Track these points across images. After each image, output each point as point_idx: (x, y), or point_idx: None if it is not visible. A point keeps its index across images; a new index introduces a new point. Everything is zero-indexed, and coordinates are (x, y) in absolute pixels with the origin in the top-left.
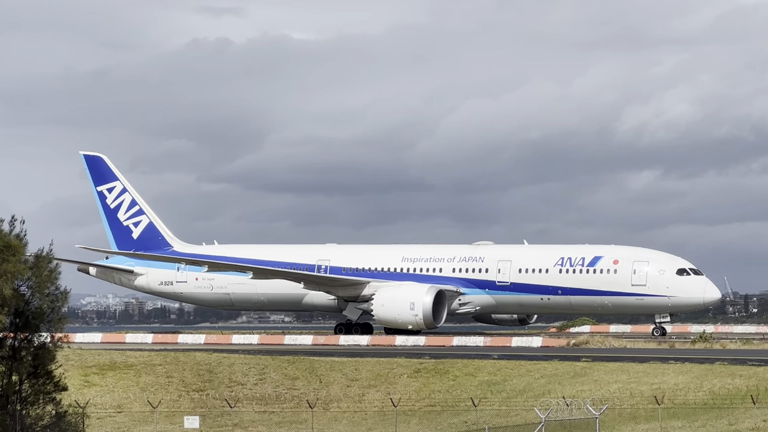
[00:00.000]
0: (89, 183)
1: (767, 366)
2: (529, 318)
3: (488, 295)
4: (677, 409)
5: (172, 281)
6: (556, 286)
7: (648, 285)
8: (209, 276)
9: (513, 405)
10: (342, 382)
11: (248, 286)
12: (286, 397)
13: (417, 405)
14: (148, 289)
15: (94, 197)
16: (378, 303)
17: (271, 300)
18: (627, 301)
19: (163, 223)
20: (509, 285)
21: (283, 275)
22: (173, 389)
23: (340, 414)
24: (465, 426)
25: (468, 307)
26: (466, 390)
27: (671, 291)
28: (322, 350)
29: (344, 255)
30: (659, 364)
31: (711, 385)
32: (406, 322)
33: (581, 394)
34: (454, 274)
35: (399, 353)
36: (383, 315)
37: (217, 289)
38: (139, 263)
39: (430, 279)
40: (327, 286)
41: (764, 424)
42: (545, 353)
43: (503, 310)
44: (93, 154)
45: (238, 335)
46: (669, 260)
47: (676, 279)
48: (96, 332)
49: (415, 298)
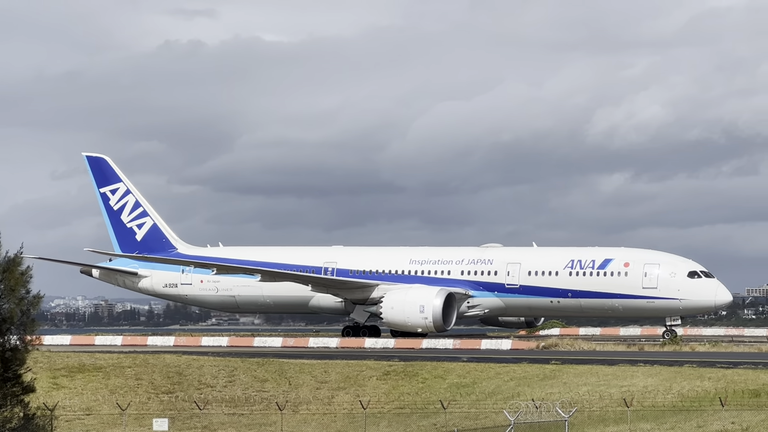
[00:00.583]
0: (92, 184)
1: (736, 368)
2: (536, 321)
3: (497, 298)
4: (646, 412)
5: (176, 283)
6: (566, 289)
7: (659, 288)
8: (214, 278)
9: (482, 407)
10: (311, 385)
11: (254, 289)
12: (255, 399)
13: (386, 407)
14: (152, 291)
15: (96, 198)
16: (387, 306)
17: (277, 302)
18: (638, 303)
19: (168, 225)
20: (518, 287)
21: (291, 278)
22: (142, 391)
23: (310, 416)
24: (434, 428)
25: (477, 309)
26: (435, 392)
27: (682, 294)
28: (292, 352)
29: (351, 257)
30: (628, 366)
31: (680, 387)
32: (416, 325)
33: (550, 396)
34: (463, 276)
35: (368, 355)
36: (392, 318)
37: (223, 292)
38: (143, 265)
39: (439, 281)
40: (335, 288)
41: (733, 426)
42: (515, 356)
43: (512, 312)
44: (96, 155)
45: (208, 337)
46: (680, 263)
47: (688, 282)
48: (65, 334)
49: (425, 301)
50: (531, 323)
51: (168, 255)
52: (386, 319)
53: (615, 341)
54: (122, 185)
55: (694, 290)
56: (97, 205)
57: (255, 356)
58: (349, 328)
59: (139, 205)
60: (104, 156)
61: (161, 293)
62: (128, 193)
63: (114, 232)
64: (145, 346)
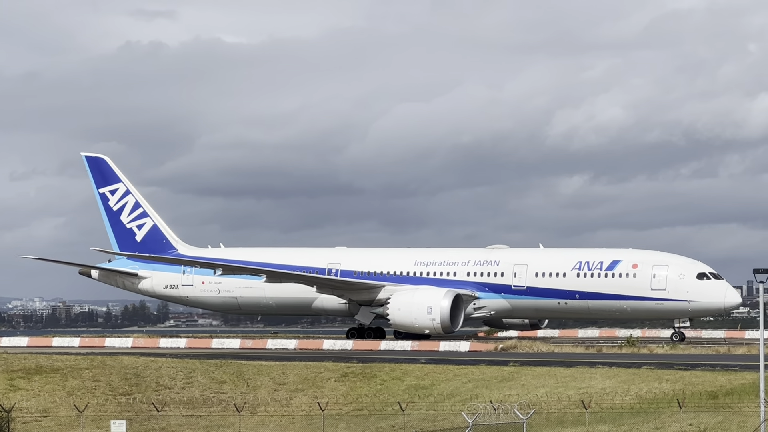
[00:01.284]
0: (90, 184)
1: (693, 370)
2: (540, 323)
3: (503, 300)
4: (604, 414)
5: (177, 285)
6: (574, 290)
7: (668, 289)
8: (216, 280)
9: (440, 409)
10: (269, 386)
11: (256, 290)
12: (213, 401)
13: (344, 409)
14: (152, 292)
15: (95, 198)
16: (394, 307)
17: (280, 304)
18: (646, 305)
19: (168, 225)
20: (525, 289)
21: (298, 279)
22: (100, 393)
23: (268, 418)
24: (392, 430)
25: (483, 311)
26: (393, 394)
27: (691, 296)
28: (250, 354)
29: (355, 258)
30: (587, 368)
31: (638, 389)
32: (423, 326)
33: (509, 398)
34: (469, 278)
35: (327, 357)
36: (399, 319)
37: (225, 293)
38: (143, 266)
39: (444, 283)
40: (341, 289)
41: (690, 428)
42: (473, 358)
43: (519, 314)
44: (95, 155)
45: (166, 339)
46: (689, 264)
47: (697, 283)
48: (22, 336)
49: (433, 302)
50: (535, 325)
51: (170, 256)
52: (393, 320)
53: (573, 343)
54: (122, 185)
55: (703, 292)
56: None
57: (213, 358)
58: (354, 330)
59: (139, 206)
60: (103, 156)
61: (162, 294)
62: (128, 193)
63: (113, 233)
64: (103, 347)
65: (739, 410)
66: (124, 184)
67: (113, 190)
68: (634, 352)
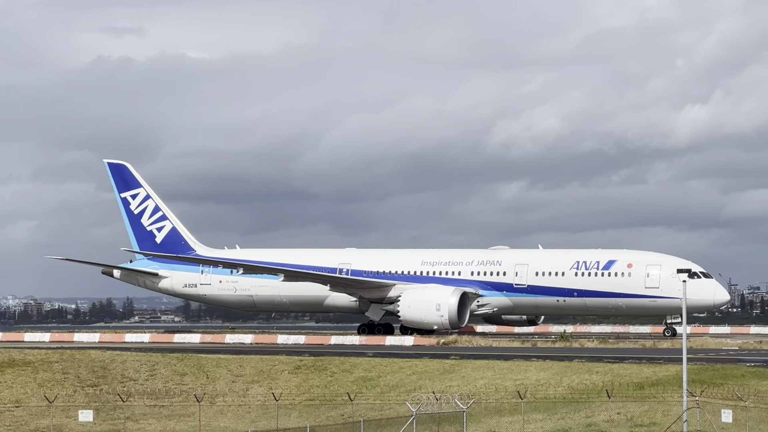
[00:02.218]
0: (113, 189)
1: (622, 363)
2: (537, 319)
3: (506, 297)
4: (539, 403)
5: (196, 284)
6: (572, 289)
7: (661, 287)
8: (233, 279)
9: (386, 399)
10: (227, 378)
11: (271, 289)
12: (175, 392)
13: (297, 399)
14: (171, 291)
15: (117, 203)
16: (405, 304)
17: (293, 302)
18: (640, 302)
19: (186, 228)
20: (526, 287)
21: (313, 278)
22: (69, 385)
23: (226, 407)
24: (342, 419)
25: (486, 308)
26: (342, 385)
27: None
28: (209, 348)
29: (365, 259)
30: (522, 361)
31: (570, 380)
32: (432, 322)
33: (450, 389)
34: (473, 277)
35: (281, 351)
36: (410, 316)
37: (241, 292)
38: (163, 266)
39: (450, 282)
40: (353, 288)
41: (618, 417)
42: (417, 351)
43: (520, 311)
44: (117, 162)
45: (131, 334)
46: (680, 264)
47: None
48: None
49: (441, 299)
50: (533, 321)
51: (191, 256)
52: (403, 317)
53: (510, 338)
54: (142, 190)
55: (694, 290)
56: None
57: (175, 352)
58: (365, 326)
59: (158, 209)
60: (125, 163)
61: (181, 293)
62: (148, 197)
63: (134, 235)
64: (72, 342)
65: (663, 400)
66: (144, 188)
67: (134, 195)
68: (567, 347)
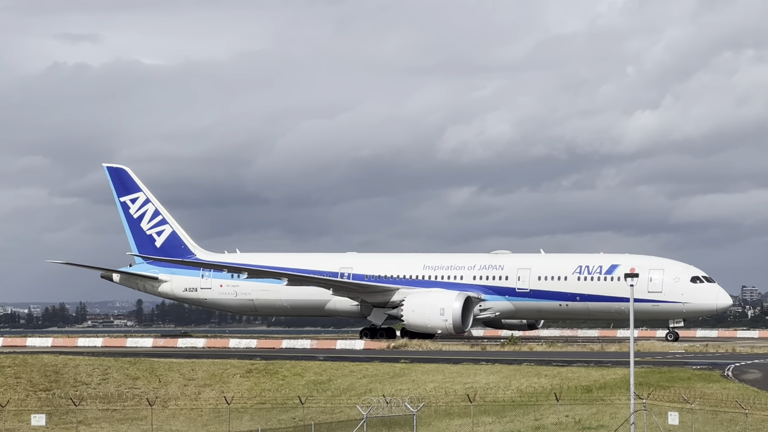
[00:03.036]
0: (112, 194)
1: (570, 366)
2: (536, 323)
3: (508, 302)
4: (488, 406)
5: (196, 288)
6: (575, 293)
7: (664, 292)
8: (233, 283)
9: (337, 403)
10: (180, 382)
11: (272, 293)
12: (127, 396)
13: (249, 403)
14: (172, 295)
15: (116, 207)
16: (408, 308)
17: (295, 306)
18: (643, 307)
19: (186, 232)
20: (529, 292)
21: (317, 282)
22: (21, 389)
23: (178, 411)
24: (293, 422)
25: (488, 312)
26: (294, 389)
27: (686, 298)
28: (162, 352)
29: (366, 263)
30: (472, 365)
31: (519, 384)
32: (436, 326)
33: (400, 392)
34: (475, 281)
35: (232, 355)
36: (413, 320)
37: (241, 296)
38: (163, 270)
39: (452, 286)
40: (357, 292)
41: (566, 419)
42: (367, 355)
43: (522, 315)
44: (116, 166)
45: (84, 338)
46: (683, 268)
47: (690, 286)
48: None
49: (445, 304)
50: (532, 325)
51: (189, 260)
52: (407, 321)
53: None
54: (142, 194)
55: (696, 294)
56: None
57: (127, 356)
58: (367, 330)
59: (158, 214)
60: (124, 167)
61: (181, 297)
62: (148, 202)
63: (134, 239)
64: (25, 347)
65: (611, 402)
66: (144, 193)
67: (134, 199)
68: (516, 350)
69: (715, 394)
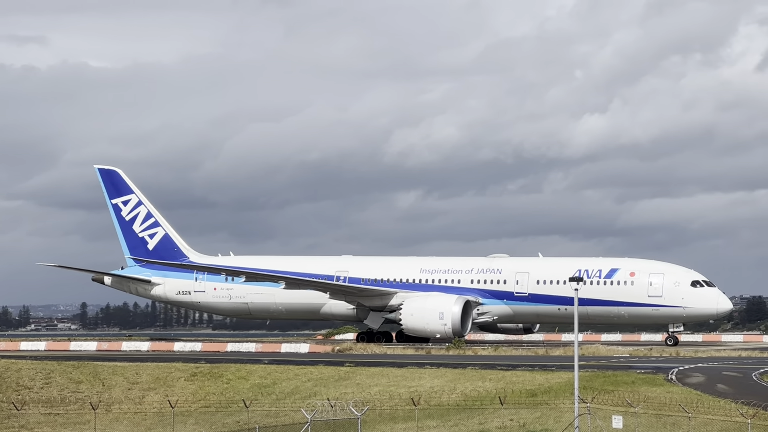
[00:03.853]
0: (103, 195)
1: (514, 370)
2: (533, 328)
3: (506, 306)
4: (432, 410)
5: (189, 291)
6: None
7: (664, 296)
8: (227, 286)
9: (282, 406)
10: (123, 386)
11: (266, 296)
12: (70, 400)
13: (193, 406)
14: (164, 298)
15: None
16: (407, 312)
17: (290, 309)
18: (643, 311)
19: (179, 235)
20: (527, 296)
21: (314, 285)
22: None
23: (122, 415)
24: (237, 426)
25: (486, 316)
26: (238, 392)
27: (686, 302)
28: (106, 356)
29: (362, 266)
30: (416, 369)
31: (463, 387)
32: (435, 331)
33: (345, 396)
34: (473, 285)
35: (177, 358)
36: (412, 324)
37: (236, 299)
38: (156, 273)
39: (450, 290)
40: (354, 296)
41: (511, 423)
42: (312, 359)
43: (520, 319)
44: (108, 167)
45: (26, 342)
46: (683, 273)
47: (691, 290)
48: None
49: (444, 308)
50: (528, 329)
51: (182, 263)
52: (406, 325)
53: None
54: (134, 197)
55: (697, 299)
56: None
57: (71, 359)
58: (364, 334)
59: (150, 216)
60: (116, 168)
61: (174, 300)
62: (140, 204)
63: (125, 242)
64: None
65: (555, 406)
66: (136, 195)
67: (125, 201)
68: (461, 354)
69: (659, 398)
